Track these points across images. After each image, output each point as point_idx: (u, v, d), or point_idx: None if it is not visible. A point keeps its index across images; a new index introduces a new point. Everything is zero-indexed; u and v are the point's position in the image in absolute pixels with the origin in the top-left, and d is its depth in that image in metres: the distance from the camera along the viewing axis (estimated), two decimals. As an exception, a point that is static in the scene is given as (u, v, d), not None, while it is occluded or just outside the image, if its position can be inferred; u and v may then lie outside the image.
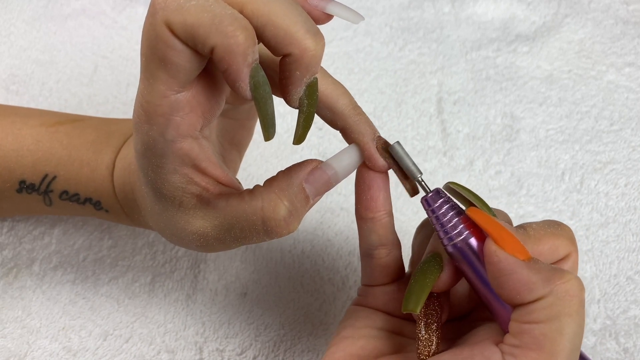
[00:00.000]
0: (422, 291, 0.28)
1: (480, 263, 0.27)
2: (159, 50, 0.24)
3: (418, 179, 0.29)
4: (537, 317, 0.25)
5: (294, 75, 0.25)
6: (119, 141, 0.35)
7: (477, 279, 0.28)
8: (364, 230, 0.31)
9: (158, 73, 0.25)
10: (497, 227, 0.26)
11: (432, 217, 0.29)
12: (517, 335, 0.25)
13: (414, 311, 0.28)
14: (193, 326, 0.41)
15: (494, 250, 0.26)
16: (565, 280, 0.25)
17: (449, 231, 0.28)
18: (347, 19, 0.28)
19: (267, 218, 0.28)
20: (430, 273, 0.28)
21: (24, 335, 0.40)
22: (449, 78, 0.53)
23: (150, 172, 0.28)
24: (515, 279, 0.25)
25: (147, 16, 0.24)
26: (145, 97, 0.26)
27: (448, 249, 0.28)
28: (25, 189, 0.36)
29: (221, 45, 0.23)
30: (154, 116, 0.26)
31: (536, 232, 0.28)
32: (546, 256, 0.27)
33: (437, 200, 0.28)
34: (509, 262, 0.25)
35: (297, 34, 0.24)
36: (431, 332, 0.29)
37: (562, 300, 0.25)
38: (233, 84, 0.24)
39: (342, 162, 0.29)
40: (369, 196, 0.30)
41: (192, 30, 0.23)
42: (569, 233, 0.29)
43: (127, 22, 0.57)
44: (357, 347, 0.30)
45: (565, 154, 0.48)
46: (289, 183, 0.28)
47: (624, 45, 0.55)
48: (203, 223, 0.29)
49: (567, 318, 0.25)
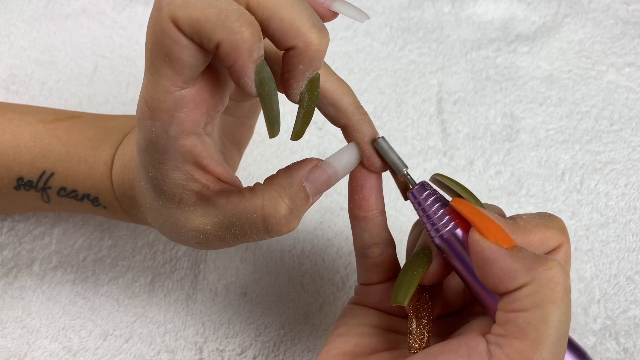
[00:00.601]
0: (410, 284, 0.28)
1: (467, 254, 0.27)
2: (165, 45, 0.24)
3: (404, 172, 0.30)
4: (520, 306, 0.25)
5: (296, 69, 0.25)
6: (117, 138, 0.35)
7: (465, 271, 0.28)
8: (357, 229, 0.31)
9: (163, 69, 0.25)
10: (481, 216, 0.26)
11: (419, 210, 0.29)
12: (502, 325, 0.25)
13: (402, 303, 0.28)
14: (193, 326, 0.41)
15: (477, 239, 0.26)
16: (547, 267, 0.25)
17: (435, 222, 0.28)
18: (352, 17, 0.28)
19: (268, 216, 0.28)
20: (418, 265, 0.28)
21: (24, 335, 0.40)
22: (449, 78, 0.53)
23: (152, 168, 0.28)
24: (498, 267, 0.25)
25: (152, 11, 0.24)
26: (149, 92, 0.25)
27: (435, 240, 0.28)
28: (23, 185, 0.36)
29: (227, 41, 0.23)
30: (158, 112, 0.26)
31: (526, 222, 0.27)
32: (537, 247, 0.27)
33: (422, 192, 0.29)
34: (492, 251, 0.25)
35: (303, 27, 0.24)
36: (422, 325, 0.29)
37: (545, 287, 0.24)
38: (238, 80, 0.24)
39: (342, 161, 0.29)
40: (361, 195, 0.30)
41: (198, 25, 0.23)
42: (560, 224, 0.28)
43: (127, 22, 0.57)
44: (351, 344, 0.30)
45: (565, 154, 0.48)
46: (290, 181, 0.28)
47: (624, 45, 0.55)
48: (203, 220, 0.29)
49: (551, 305, 0.24)
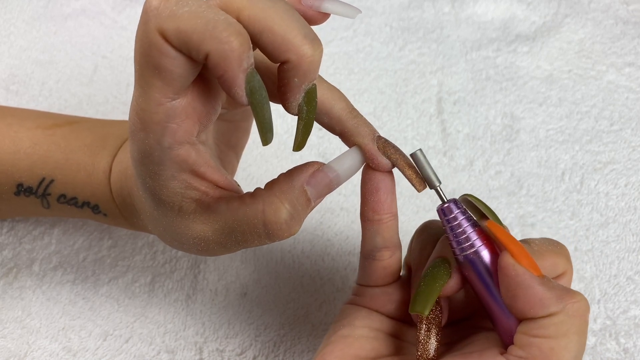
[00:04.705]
0: (431, 295, 0.29)
1: (489, 274, 0.28)
2: (153, 58, 0.24)
3: (437, 188, 0.30)
4: (546, 332, 0.26)
5: (292, 82, 0.25)
6: (115, 144, 0.35)
7: (483, 289, 0.29)
8: (369, 232, 0.31)
9: (152, 81, 0.24)
10: (515, 242, 0.27)
11: (447, 227, 0.29)
12: (524, 348, 0.26)
13: (422, 313, 0.28)
14: (193, 326, 0.41)
15: (512, 264, 0.27)
16: (576, 300, 0.26)
17: (462, 242, 0.29)
18: (343, 14, 0.27)
19: (269, 221, 0.28)
20: (439, 278, 0.29)
21: (24, 336, 0.40)
22: (449, 78, 0.53)
23: (148, 179, 0.28)
24: (531, 293, 0.26)
25: (139, 24, 0.24)
26: (140, 105, 0.25)
27: (459, 258, 0.29)
28: (23, 192, 0.36)
29: (215, 51, 0.23)
30: (150, 124, 0.25)
31: (539, 247, 0.29)
32: (547, 271, 0.28)
33: (453, 210, 0.29)
34: (526, 277, 0.26)
35: (295, 40, 0.24)
36: (432, 336, 0.29)
37: (572, 318, 0.26)
38: (229, 90, 0.24)
39: (344, 165, 0.29)
40: (376, 198, 0.30)
41: (186, 37, 0.23)
42: (566, 252, 0.30)
43: (127, 22, 0.57)
44: (355, 347, 0.30)
45: (565, 154, 0.48)
46: (291, 186, 0.28)
47: (624, 45, 0.55)
48: (203, 227, 0.29)
49: (574, 336, 0.26)
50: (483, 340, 0.29)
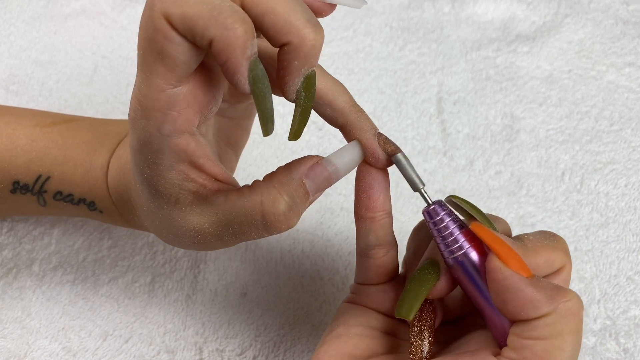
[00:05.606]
0: (416, 299, 0.28)
1: (479, 276, 0.28)
2: (157, 42, 0.24)
3: (420, 190, 0.29)
4: (539, 334, 0.25)
5: (291, 65, 0.25)
6: (113, 142, 0.35)
7: (474, 290, 0.28)
8: (362, 229, 0.31)
9: (156, 66, 0.24)
10: (501, 244, 0.27)
11: (434, 229, 0.29)
12: (517, 350, 0.26)
13: (407, 318, 0.28)
14: (193, 326, 0.41)
15: (499, 267, 0.26)
16: (568, 298, 0.26)
17: (450, 244, 0.28)
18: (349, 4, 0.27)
19: (267, 212, 0.28)
20: (426, 281, 0.29)
21: (23, 336, 0.40)
22: (449, 78, 0.53)
23: (146, 169, 0.28)
24: (521, 296, 0.26)
25: (145, 8, 0.24)
26: (142, 91, 0.25)
27: (448, 261, 0.28)
28: (19, 189, 0.36)
29: (220, 37, 0.23)
30: (151, 111, 0.25)
31: (533, 244, 0.28)
32: (542, 268, 0.28)
33: (439, 212, 0.29)
34: (514, 280, 0.26)
35: (297, 23, 0.24)
36: (424, 337, 0.29)
37: (564, 318, 0.25)
38: (231, 78, 0.24)
39: (344, 159, 0.29)
40: (369, 195, 0.30)
41: (191, 22, 0.23)
42: (564, 245, 0.29)
43: (127, 22, 0.57)
44: (350, 345, 0.30)
45: (565, 154, 0.48)
46: (289, 178, 0.28)
47: (624, 45, 0.55)
48: (200, 220, 0.29)
49: (568, 336, 0.25)
50: (477, 340, 0.29)
